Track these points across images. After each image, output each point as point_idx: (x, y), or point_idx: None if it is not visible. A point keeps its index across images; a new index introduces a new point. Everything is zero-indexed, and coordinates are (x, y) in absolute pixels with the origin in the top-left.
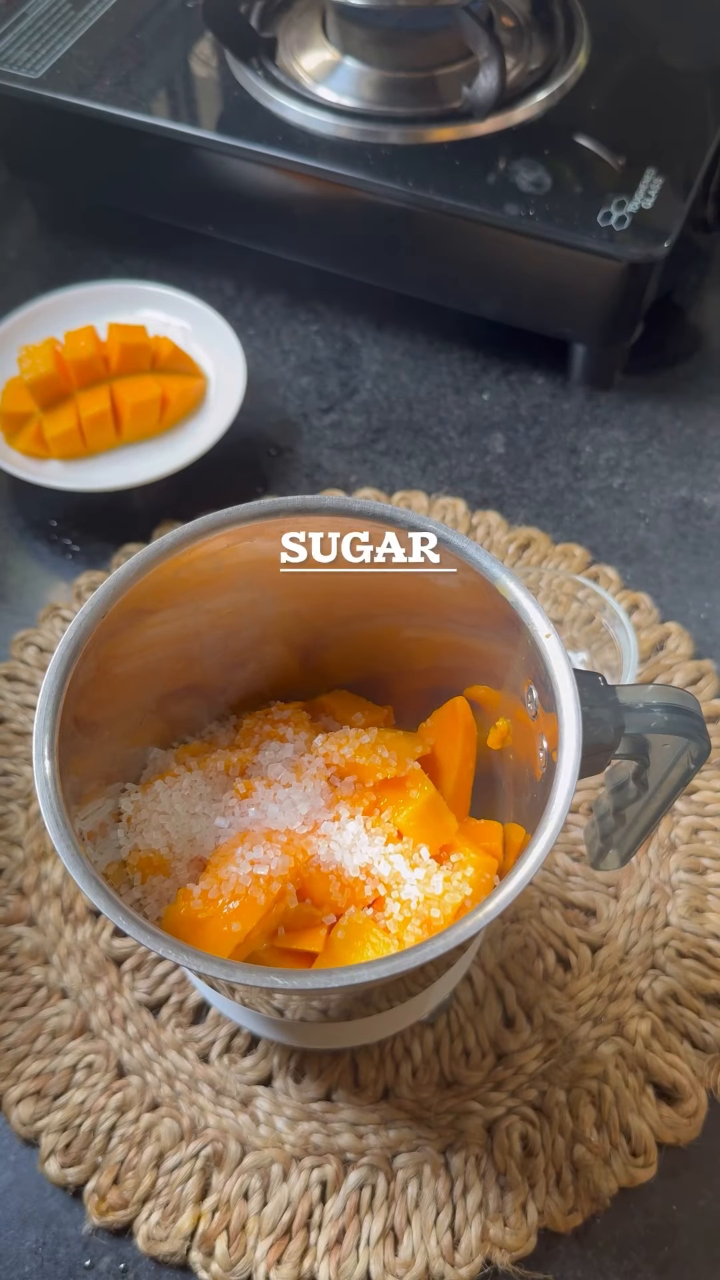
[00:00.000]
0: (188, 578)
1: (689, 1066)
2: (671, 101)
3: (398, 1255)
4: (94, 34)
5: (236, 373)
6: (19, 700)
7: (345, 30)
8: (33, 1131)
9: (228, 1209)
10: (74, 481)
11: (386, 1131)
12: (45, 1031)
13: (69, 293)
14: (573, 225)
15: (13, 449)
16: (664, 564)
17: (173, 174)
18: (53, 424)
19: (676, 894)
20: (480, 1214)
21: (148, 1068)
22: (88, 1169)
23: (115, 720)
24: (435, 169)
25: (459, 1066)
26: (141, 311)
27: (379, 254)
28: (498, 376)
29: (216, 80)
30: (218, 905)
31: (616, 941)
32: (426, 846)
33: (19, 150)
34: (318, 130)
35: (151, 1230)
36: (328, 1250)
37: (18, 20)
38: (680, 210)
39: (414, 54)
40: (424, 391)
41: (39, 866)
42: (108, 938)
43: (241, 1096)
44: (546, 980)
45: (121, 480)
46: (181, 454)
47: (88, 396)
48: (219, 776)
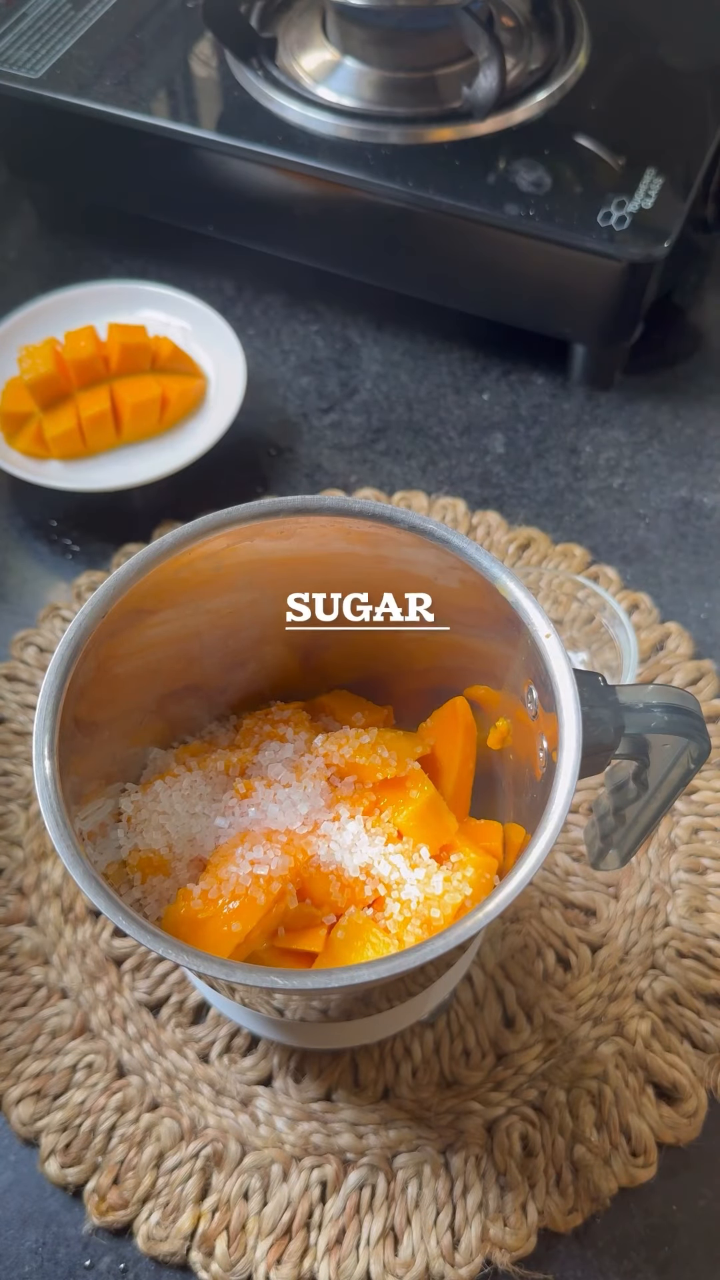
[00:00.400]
0: (188, 578)
1: (689, 1066)
2: (672, 101)
3: (398, 1255)
4: (94, 34)
5: (236, 373)
6: (19, 700)
7: (345, 30)
8: (33, 1131)
9: (228, 1209)
10: (74, 481)
11: (386, 1131)
12: (45, 1031)
13: (69, 293)
14: (573, 225)
15: (13, 449)
16: (664, 564)
17: (173, 174)
18: (53, 424)
19: (676, 894)
20: (480, 1214)
21: (148, 1068)
22: (88, 1169)
23: (115, 720)
24: (435, 169)
25: (459, 1066)
26: (141, 311)
27: (379, 254)
28: (498, 376)
29: (216, 80)
30: (218, 905)
31: (616, 941)
32: (426, 846)
33: (19, 150)
34: (318, 130)
35: (151, 1230)
36: (328, 1250)
37: (18, 20)
38: (680, 210)
39: (414, 54)
40: (424, 391)
41: (39, 866)
42: (108, 938)
43: (241, 1096)
44: (546, 980)
45: (121, 480)
46: (181, 454)
47: (88, 396)
48: (219, 776)
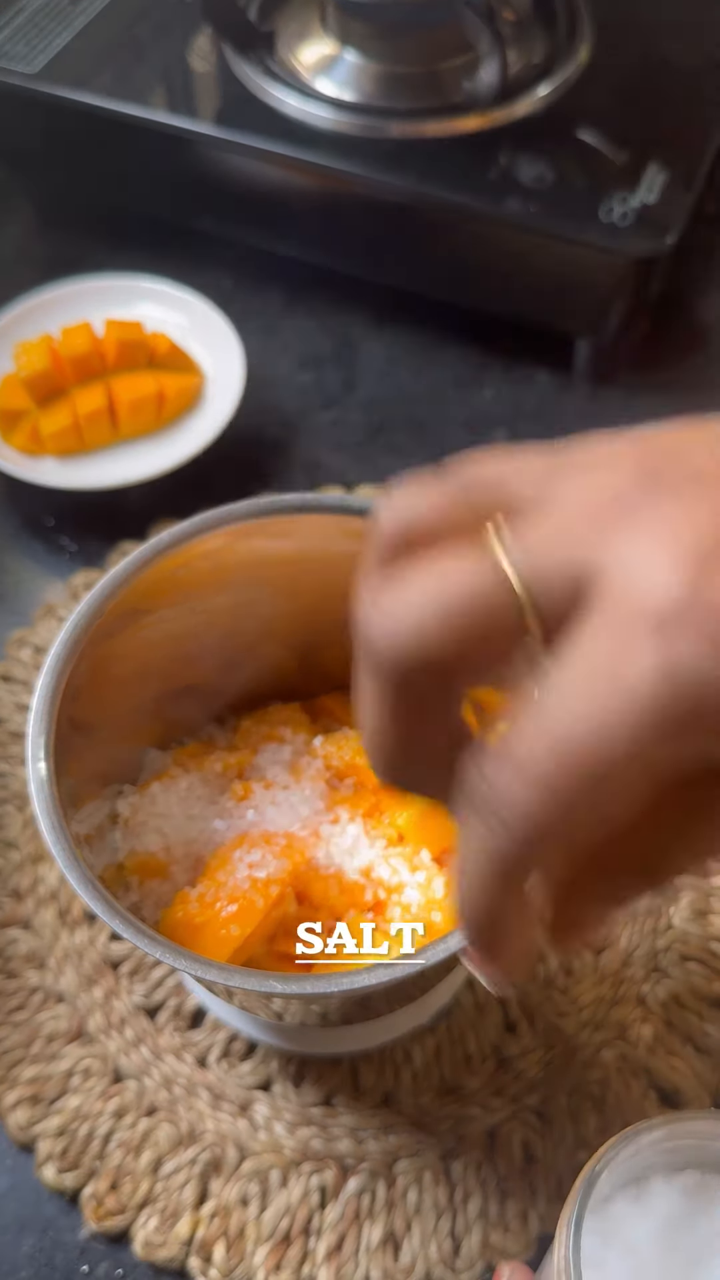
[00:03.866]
0: (185, 577)
1: (692, 1071)
2: (675, 95)
3: (398, 1262)
4: (91, 28)
5: (234, 369)
6: (14, 701)
7: (345, 23)
8: (29, 1136)
9: (226, 1215)
10: (70, 479)
11: (386, 1137)
12: (41, 1036)
13: (64, 288)
14: (575, 220)
15: (8, 445)
16: None
17: (171, 168)
18: (49, 421)
19: (680, 897)
20: (481, 1220)
21: (145, 1072)
22: (85, 1174)
23: (112, 721)
24: (436, 163)
25: (460, 1072)
26: (138, 307)
27: (379, 249)
28: (500, 372)
29: (215, 74)
30: (215, 909)
31: (619, 945)
32: (428, 849)
33: (16, 145)
34: (317, 124)
35: (149, 1236)
36: (327, 1257)
37: (15, 14)
38: (684, 205)
39: (415, 47)
40: (425, 388)
41: (35, 869)
42: (104, 941)
43: (240, 1101)
44: (548, 985)
45: (118, 478)
46: (179, 451)
47: (84, 393)
48: (217, 778)
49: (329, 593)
